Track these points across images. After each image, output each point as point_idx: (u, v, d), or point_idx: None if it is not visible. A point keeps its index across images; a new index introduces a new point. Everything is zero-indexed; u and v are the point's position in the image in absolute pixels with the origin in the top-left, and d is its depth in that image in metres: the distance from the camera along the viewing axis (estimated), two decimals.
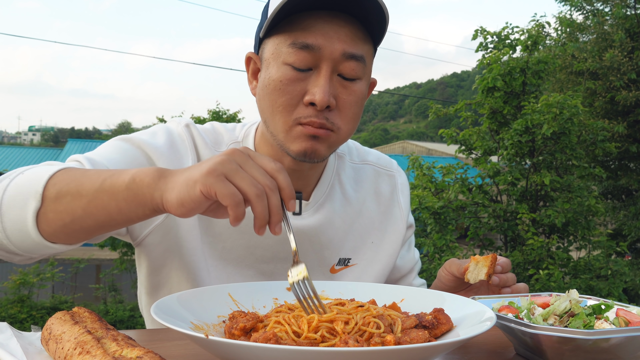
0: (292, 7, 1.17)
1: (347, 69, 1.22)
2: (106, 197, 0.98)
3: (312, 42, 1.18)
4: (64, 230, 1.03)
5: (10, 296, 9.02)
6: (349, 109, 1.25)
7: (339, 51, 1.19)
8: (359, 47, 1.22)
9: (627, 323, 1.01)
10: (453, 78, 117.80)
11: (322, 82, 1.19)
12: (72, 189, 1.01)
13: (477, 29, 7.98)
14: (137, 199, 0.97)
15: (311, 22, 1.19)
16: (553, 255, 6.94)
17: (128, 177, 0.97)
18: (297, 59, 1.19)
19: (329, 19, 1.20)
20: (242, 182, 0.89)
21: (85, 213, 1.01)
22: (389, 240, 1.54)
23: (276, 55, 1.23)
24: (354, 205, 1.50)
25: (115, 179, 0.99)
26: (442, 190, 7.55)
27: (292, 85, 1.21)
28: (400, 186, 1.59)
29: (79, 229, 1.03)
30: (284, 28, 1.22)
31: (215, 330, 1.00)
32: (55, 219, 1.02)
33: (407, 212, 1.59)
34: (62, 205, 1.01)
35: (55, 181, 1.02)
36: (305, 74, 1.21)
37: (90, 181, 1.00)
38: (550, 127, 6.80)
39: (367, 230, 1.51)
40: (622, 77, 9.81)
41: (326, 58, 1.19)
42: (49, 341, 0.86)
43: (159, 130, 1.37)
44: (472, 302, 1.06)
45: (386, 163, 1.61)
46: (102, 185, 0.99)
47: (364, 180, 1.55)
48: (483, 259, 1.26)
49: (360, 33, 1.23)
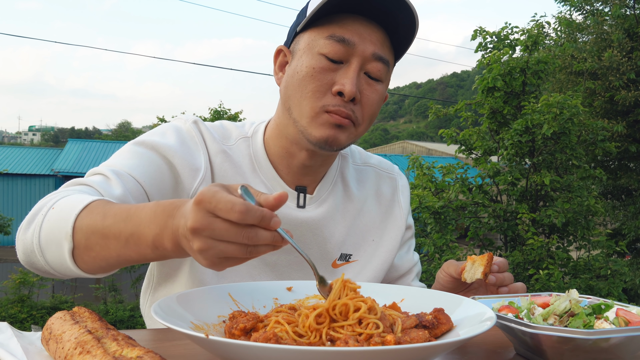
0: (332, 7, 1.29)
1: (374, 69, 1.32)
2: (134, 254, 1.01)
3: (348, 37, 1.29)
4: (102, 269, 1.08)
5: (11, 296, 9.01)
6: (370, 106, 1.34)
7: (370, 50, 1.30)
8: (386, 52, 1.34)
9: (627, 323, 1.01)
10: (453, 78, 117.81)
11: (352, 75, 1.29)
12: (100, 242, 1.02)
13: (476, 29, 7.98)
14: (164, 257, 0.99)
15: (349, 21, 1.31)
16: (553, 255, 6.94)
17: (150, 242, 0.96)
18: (332, 50, 1.29)
19: (364, 23, 1.31)
20: (232, 260, 0.89)
21: (118, 261, 1.04)
22: (389, 237, 1.57)
23: (311, 46, 1.32)
24: (356, 203, 1.54)
25: (138, 240, 0.98)
26: (442, 190, 7.54)
27: (323, 74, 1.29)
28: (401, 188, 1.64)
29: (116, 267, 1.08)
30: (322, 23, 1.32)
31: (215, 330, 1.00)
32: (92, 262, 1.06)
33: (407, 212, 1.62)
34: (95, 253, 1.04)
35: (82, 224, 1.04)
36: (336, 66, 1.30)
37: (115, 236, 1.00)
38: (551, 127, 6.80)
39: (368, 229, 1.55)
40: (621, 77, 9.81)
41: (358, 54, 1.29)
42: (49, 341, 0.86)
43: (167, 130, 1.41)
44: (472, 302, 1.06)
45: (388, 167, 1.66)
46: (127, 244, 1.00)
47: (366, 180, 1.60)
48: (479, 258, 1.27)
49: (388, 42, 1.34)
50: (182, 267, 1.41)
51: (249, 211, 0.83)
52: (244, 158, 1.44)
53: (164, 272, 1.45)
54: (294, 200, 1.43)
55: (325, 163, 1.46)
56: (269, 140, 1.45)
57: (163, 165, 1.33)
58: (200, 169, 1.36)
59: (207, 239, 0.85)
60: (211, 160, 1.40)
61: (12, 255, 13.77)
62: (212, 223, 0.83)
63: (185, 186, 1.35)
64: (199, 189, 1.35)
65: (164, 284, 1.46)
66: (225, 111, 12.99)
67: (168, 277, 1.44)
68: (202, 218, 0.84)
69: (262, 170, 1.43)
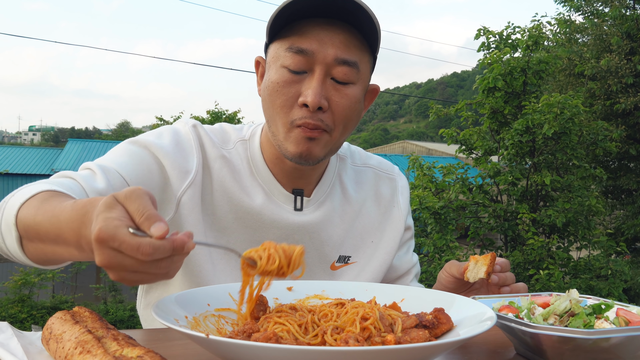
0: (290, 14, 1.25)
1: (340, 73, 1.28)
2: (66, 254, 0.96)
3: (306, 46, 1.26)
4: (48, 262, 1.05)
5: (11, 296, 9.01)
6: (342, 111, 1.30)
7: (331, 56, 1.26)
8: (352, 53, 1.28)
9: (627, 323, 1.01)
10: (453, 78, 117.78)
11: (314, 85, 1.25)
12: (35, 237, 0.99)
13: (479, 28, 7.98)
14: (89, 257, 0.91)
15: (308, 28, 1.27)
16: (553, 255, 6.94)
17: (73, 246, 0.92)
18: (292, 62, 1.26)
19: (325, 26, 1.27)
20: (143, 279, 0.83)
21: (54, 257, 1.00)
22: (387, 239, 1.57)
23: (276, 58, 1.30)
24: (354, 205, 1.54)
25: (64, 242, 0.93)
26: (443, 190, 7.54)
27: (287, 87, 1.27)
28: (400, 188, 1.63)
29: (59, 262, 1.05)
30: (284, 34, 1.29)
31: (209, 322, 1.00)
32: (35, 254, 1.03)
33: (406, 213, 1.62)
34: (35, 246, 1.01)
35: (21, 216, 1.01)
36: (300, 77, 1.27)
37: (45, 234, 0.96)
38: (551, 127, 6.80)
39: (366, 230, 1.55)
40: (620, 81, 9.81)
41: (319, 62, 1.26)
42: (49, 341, 0.86)
43: (165, 131, 1.42)
44: (472, 301, 1.06)
45: (387, 167, 1.65)
46: (56, 243, 0.95)
47: (365, 182, 1.59)
48: (482, 258, 1.27)
49: (355, 40, 1.29)
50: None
51: (156, 250, 0.77)
52: (242, 161, 1.44)
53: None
54: (291, 204, 1.43)
55: (317, 167, 1.44)
56: (265, 144, 1.44)
57: (153, 165, 1.33)
58: (191, 172, 1.36)
59: (120, 271, 0.80)
60: (209, 165, 1.40)
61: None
62: (121, 260, 0.79)
63: (174, 187, 1.35)
64: (187, 191, 1.35)
65: (156, 286, 1.46)
66: (222, 112, 12.99)
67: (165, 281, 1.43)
68: (108, 256, 0.79)
69: (259, 174, 1.43)
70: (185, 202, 1.35)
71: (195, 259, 1.36)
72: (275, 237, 1.40)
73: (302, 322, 0.95)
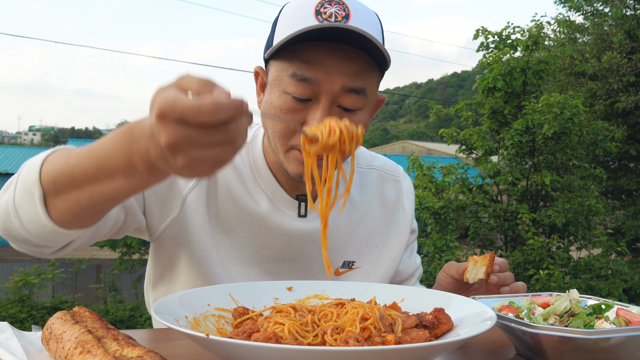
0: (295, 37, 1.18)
1: (347, 102, 1.23)
2: (107, 189, 0.91)
3: (311, 76, 1.20)
4: (76, 217, 1.00)
5: (11, 296, 9.01)
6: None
7: (338, 85, 1.20)
8: (361, 79, 1.23)
9: (627, 323, 1.01)
10: (453, 78, 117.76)
11: (320, 116, 1.20)
12: (69, 183, 0.95)
13: (478, 28, 7.98)
14: (141, 185, 0.89)
15: (313, 54, 1.20)
16: (553, 255, 6.94)
17: (121, 172, 0.88)
18: (296, 90, 1.21)
19: (331, 52, 1.20)
20: (220, 163, 0.79)
21: (91, 201, 0.95)
22: (393, 244, 1.54)
23: (278, 81, 1.24)
24: (359, 209, 1.51)
25: (107, 173, 0.90)
26: (442, 190, 7.54)
27: (290, 114, 1.22)
28: (405, 191, 1.60)
29: (91, 211, 0.99)
30: (287, 55, 1.22)
31: (209, 322, 1.00)
32: (64, 208, 0.98)
33: (411, 217, 1.59)
34: (66, 196, 0.97)
35: (47, 169, 0.98)
36: (304, 104, 1.22)
37: (82, 174, 0.93)
38: (551, 127, 6.80)
39: (371, 234, 1.52)
40: (621, 79, 9.81)
41: (325, 92, 1.21)
42: (49, 341, 0.86)
43: None
44: (472, 301, 1.06)
45: (392, 169, 1.62)
46: (97, 179, 0.91)
47: (370, 184, 1.56)
48: (481, 258, 1.26)
49: (363, 64, 1.23)
50: (177, 268, 1.39)
51: (219, 107, 0.73)
52: (244, 165, 1.41)
53: (158, 271, 1.44)
54: (295, 210, 1.41)
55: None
56: (267, 149, 1.41)
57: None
58: None
59: (188, 150, 0.75)
60: None
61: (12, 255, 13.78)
62: (186, 133, 0.74)
63: (180, 185, 1.34)
64: (193, 191, 1.34)
65: (161, 283, 1.45)
66: None
67: (163, 277, 1.43)
68: (173, 131, 0.74)
69: (262, 180, 1.40)
70: (191, 202, 1.34)
71: (205, 260, 1.35)
72: (280, 242, 1.39)
73: (302, 322, 0.95)
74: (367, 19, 1.24)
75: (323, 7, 1.20)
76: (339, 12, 1.20)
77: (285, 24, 1.23)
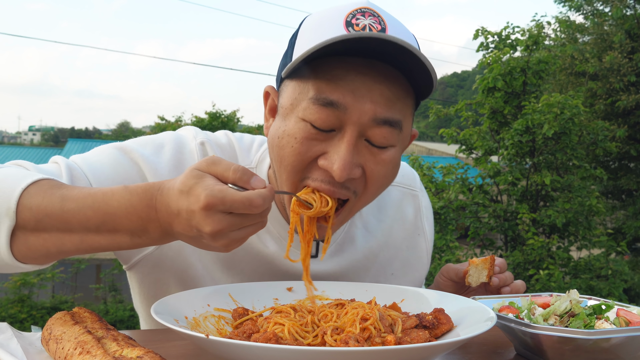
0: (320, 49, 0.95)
1: (378, 136, 1.01)
2: (105, 242, 0.91)
3: (337, 99, 0.98)
4: (42, 257, 0.96)
5: (11, 296, 9.02)
6: (377, 179, 1.06)
7: (369, 115, 0.99)
8: (396, 108, 1.01)
9: (627, 323, 1.00)
10: (453, 78, 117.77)
11: (344, 152, 0.99)
12: (58, 226, 0.90)
13: (478, 28, 7.99)
14: (144, 244, 0.92)
15: (341, 72, 0.99)
16: (553, 255, 6.94)
17: (130, 231, 0.89)
18: (318, 117, 0.99)
19: (364, 70, 0.99)
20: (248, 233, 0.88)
21: (76, 248, 0.93)
22: (412, 277, 1.42)
23: (295, 105, 1.03)
24: (379, 238, 1.37)
25: (112, 229, 0.89)
26: (443, 190, 7.55)
27: (307, 145, 1.02)
28: (424, 210, 1.46)
29: (64, 256, 0.97)
30: (308, 74, 1.01)
31: (209, 322, 1.00)
32: (37, 247, 0.93)
33: (431, 244, 1.47)
34: (47, 236, 0.92)
35: (31, 203, 0.91)
36: (325, 135, 1.01)
37: (81, 223, 0.90)
38: (551, 127, 6.81)
39: (389, 261, 1.40)
40: (622, 79, 9.82)
41: (352, 122, 0.99)
42: (49, 341, 0.86)
43: (168, 143, 1.23)
44: (472, 302, 1.06)
45: (410, 180, 1.47)
46: (98, 232, 0.90)
47: (389, 206, 1.39)
48: (481, 261, 1.25)
49: (399, 89, 1.01)
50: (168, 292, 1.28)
51: (265, 199, 0.83)
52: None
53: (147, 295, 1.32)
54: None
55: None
56: (273, 178, 1.21)
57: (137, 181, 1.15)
58: None
59: (229, 234, 0.84)
60: None
61: None
62: (231, 221, 0.82)
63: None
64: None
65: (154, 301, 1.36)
66: (221, 112, 13.01)
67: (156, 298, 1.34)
68: (220, 221, 0.82)
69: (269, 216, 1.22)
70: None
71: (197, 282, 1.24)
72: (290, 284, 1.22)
73: (302, 323, 0.95)
74: (405, 37, 1.03)
75: (355, 18, 1.00)
76: (374, 24, 1.00)
77: (307, 37, 1.03)
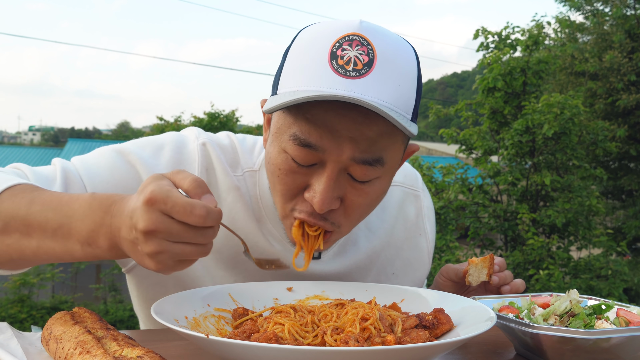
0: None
1: (358, 172, 1.01)
2: (59, 249, 0.89)
3: (315, 141, 0.98)
4: (10, 263, 0.95)
5: (11, 296, 9.02)
6: (357, 209, 1.07)
7: (347, 155, 0.98)
8: (377, 147, 1.00)
9: (627, 323, 1.00)
10: (453, 78, 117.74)
11: (323, 187, 1.00)
12: (21, 229, 0.90)
13: (478, 28, 7.99)
14: (94, 256, 0.89)
15: (320, 113, 0.97)
16: (553, 255, 6.95)
17: (82, 238, 0.87)
18: (298, 155, 1.00)
19: (343, 112, 0.96)
20: (184, 262, 0.83)
21: (34, 256, 0.92)
22: (413, 277, 1.42)
23: (279, 134, 1.04)
24: (381, 237, 1.38)
25: (67, 233, 0.87)
26: (442, 190, 7.55)
27: (291, 177, 1.04)
28: (426, 210, 1.46)
29: (28, 264, 0.96)
30: (289, 109, 1.01)
31: (209, 322, 1.00)
32: (3, 252, 0.93)
33: (433, 244, 1.47)
34: (11, 241, 0.91)
35: (1, 207, 0.91)
36: (307, 169, 1.02)
37: (40, 225, 0.89)
38: (551, 127, 6.81)
39: (390, 261, 1.41)
40: (622, 79, 9.83)
41: (332, 160, 0.99)
42: (49, 341, 0.86)
43: (168, 144, 1.23)
44: (472, 302, 1.06)
45: (412, 181, 1.47)
46: (54, 236, 0.88)
47: (390, 205, 1.41)
48: (481, 260, 1.25)
49: (382, 126, 0.99)
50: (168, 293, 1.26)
51: (209, 214, 0.78)
52: (250, 199, 1.24)
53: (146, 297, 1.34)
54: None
55: None
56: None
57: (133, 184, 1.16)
58: None
59: (162, 241, 0.78)
60: (219, 195, 1.23)
61: None
62: (168, 225, 0.77)
63: None
64: None
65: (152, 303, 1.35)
66: (219, 112, 13.02)
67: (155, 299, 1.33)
68: (156, 219, 0.76)
69: (269, 217, 1.24)
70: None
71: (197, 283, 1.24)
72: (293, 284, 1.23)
73: (302, 323, 0.95)
74: (395, 66, 0.99)
75: (341, 48, 0.97)
76: (360, 56, 0.96)
77: (293, 65, 1.02)
